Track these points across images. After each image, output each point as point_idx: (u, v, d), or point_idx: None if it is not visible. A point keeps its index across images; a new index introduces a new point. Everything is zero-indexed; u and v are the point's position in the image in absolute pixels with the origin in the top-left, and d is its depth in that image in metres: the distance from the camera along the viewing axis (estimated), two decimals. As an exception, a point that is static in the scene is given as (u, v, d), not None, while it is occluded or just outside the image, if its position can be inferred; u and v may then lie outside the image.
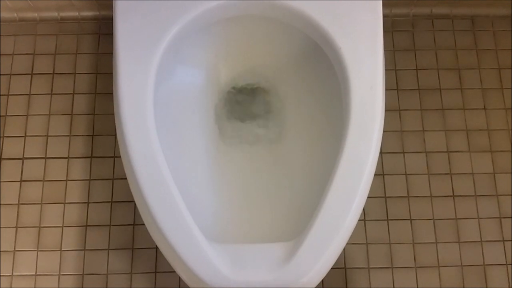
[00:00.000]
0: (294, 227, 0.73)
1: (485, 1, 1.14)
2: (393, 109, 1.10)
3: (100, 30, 1.14)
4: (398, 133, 1.09)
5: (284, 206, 0.82)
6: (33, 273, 1.00)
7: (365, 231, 1.03)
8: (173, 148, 0.80)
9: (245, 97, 0.94)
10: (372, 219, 1.03)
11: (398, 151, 1.08)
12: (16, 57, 1.12)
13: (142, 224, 1.00)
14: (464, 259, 1.02)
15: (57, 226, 1.02)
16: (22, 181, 1.04)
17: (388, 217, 1.04)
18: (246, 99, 0.94)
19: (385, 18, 0.80)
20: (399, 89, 1.12)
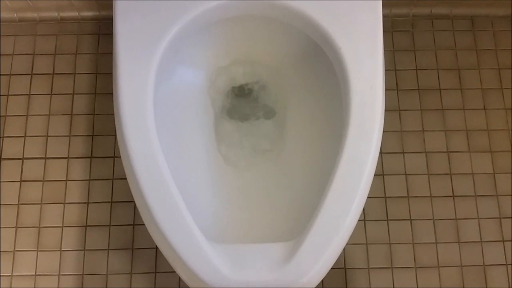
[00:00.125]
0: (294, 227, 0.73)
1: (485, 1, 1.14)
2: (393, 109, 1.10)
3: (100, 30, 1.14)
4: (398, 133, 1.09)
5: (284, 206, 0.82)
6: (33, 273, 1.00)
7: (365, 231, 1.03)
8: (173, 148, 0.80)
9: (245, 97, 0.94)
10: (372, 219, 1.03)
11: (398, 151, 1.08)
12: (16, 57, 1.12)
13: (142, 224, 1.00)
14: (464, 259, 1.02)
15: (57, 226, 1.02)
16: (22, 181, 1.04)
17: (388, 217, 1.04)
18: (246, 99, 0.94)
19: (385, 18, 0.80)
20: (399, 89, 1.12)
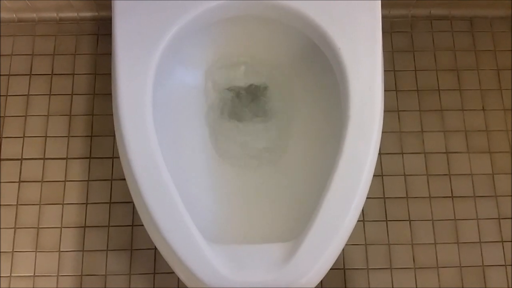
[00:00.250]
0: (294, 228, 0.73)
1: (484, 2, 1.14)
2: (392, 110, 1.10)
3: (99, 31, 1.14)
4: (397, 134, 1.09)
5: (284, 206, 0.82)
6: (32, 274, 0.99)
7: (364, 232, 1.03)
8: (172, 149, 0.80)
9: (244, 97, 0.94)
10: (371, 220, 1.03)
11: (397, 152, 1.08)
12: (15, 58, 1.12)
13: (141, 225, 1.00)
14: (463, 260, 1.02)
15: (56, 227, 1.02)
16: (21, 182, 1.04)
17: (387, 218, 1.04)
18: (245, 99, 0.93)
19: (384, 19, 0.80)
20: (398, 90, 1.12)
